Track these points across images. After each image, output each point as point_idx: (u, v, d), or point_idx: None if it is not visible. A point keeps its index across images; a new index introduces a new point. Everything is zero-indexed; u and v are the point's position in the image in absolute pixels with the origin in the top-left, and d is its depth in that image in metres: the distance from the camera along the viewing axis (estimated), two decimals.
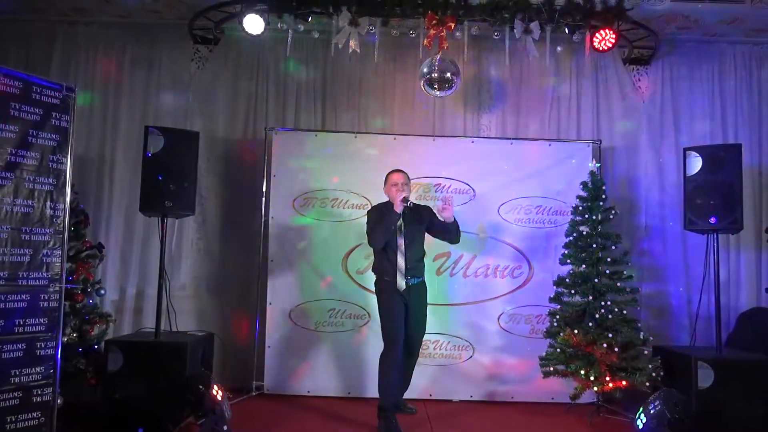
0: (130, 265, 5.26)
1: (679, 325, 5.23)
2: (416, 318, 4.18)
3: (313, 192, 4.99)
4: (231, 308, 5.21)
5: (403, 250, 4.09)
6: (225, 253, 5.28)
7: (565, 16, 4.61)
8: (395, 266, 4.07)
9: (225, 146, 5.40)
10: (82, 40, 5.46)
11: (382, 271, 4.16)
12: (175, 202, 4.30)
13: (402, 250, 4.09)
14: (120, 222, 5.28)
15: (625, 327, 4.35)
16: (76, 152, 5.21)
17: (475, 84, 5.46)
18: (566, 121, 5.50)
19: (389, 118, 5.42)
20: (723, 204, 4.34)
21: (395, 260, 4.08)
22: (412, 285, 4.11)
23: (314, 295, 4.92)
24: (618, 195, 5.31)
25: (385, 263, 4.12)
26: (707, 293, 4.63)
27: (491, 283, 4.97)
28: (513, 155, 5.07)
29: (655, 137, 5.47)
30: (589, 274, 4.47)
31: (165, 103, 5.45)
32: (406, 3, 4.53)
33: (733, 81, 5.50)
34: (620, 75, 5.50)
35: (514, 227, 5.02)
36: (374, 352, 4.62)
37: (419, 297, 4.20)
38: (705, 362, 4.13)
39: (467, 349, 4.91)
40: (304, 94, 5.44)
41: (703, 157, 4.44)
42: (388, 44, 5.15)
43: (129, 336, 4.60)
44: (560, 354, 4.42)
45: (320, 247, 4.96)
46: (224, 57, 5.46)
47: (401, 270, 4.07)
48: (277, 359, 4.86)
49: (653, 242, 5.35)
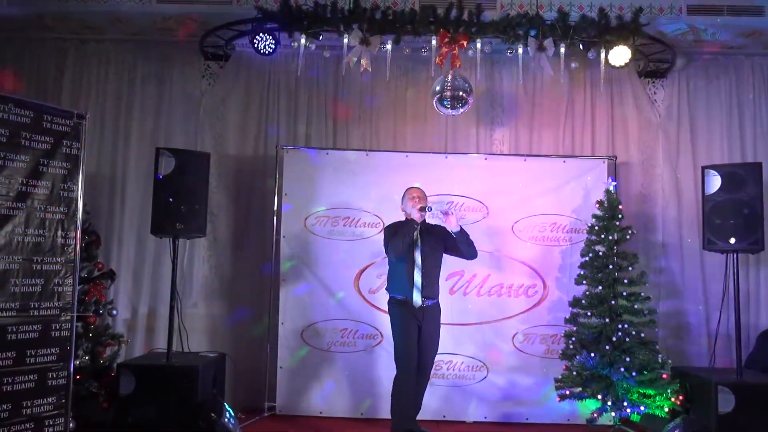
0: (142, 284, 5.25)
1: (697, 344, 5.13)
2: (429, 341, 4.11)
3: (325, 210, 4.95)
4: (243, 327, 5.17)
5: (420, 265, 4.03)
6: (237, 271, 5.26)
7: (579, 32, 4.54)
8: (412, 282, 4.00)
9: (236, 163, 5.37)
10: (93, 57, 5.46)
11: (396, 288, 4.08)
12: (186, 224, 4.29)
13: (419, 264, 4.03)
14: (132, 240, 5.27)
15: (643, 350, 4.26)
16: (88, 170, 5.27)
17: (487, 98, 5.40)
18: (581, 135, 5.42)
19: (401, 134, 5.37)
20: (743, 224, 4.25)
21: (412, 276, 4.01)
22: (427, 306, 4.04)
23: (326, 315, 4.88)
24: (634, 211, 5.22)
25: (401, 279, 4.04)
26: (726, 311, 4.54)
27: (505, 302, 4.90)
28: (527, 172, 5.00)
29: (672, 152, 5.38)
30: (605, 296, 4.39)
31: (176, 120, 5.44)
32: (418, 21, 4.49)
33: (751, 93, 5.40)
34: (636, 88, 5.40)
35: (529, 245, 4.94)
36: (387, 373, 4.59)
37: (433, 319, 4.13)
38: (725, 386, 4.05)
39: (481, 370, 4.84)
40: (315, 111, 5.40)
41: (722, 176, 4.35)
42: (400, 60, 5.11)
43: (141, 359, 4.59)
44: (576, 377, 4.34)
45: (332, 266, 4.91)
46: (235, 73, 5.44)
47: (418, 287, 4.00)
48: (289, 379, 4.83)
49: (670, 259, 5.25)
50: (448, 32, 4.44)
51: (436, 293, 4.15)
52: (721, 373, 4.35)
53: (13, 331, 3.09)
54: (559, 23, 4.50)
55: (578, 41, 4.54)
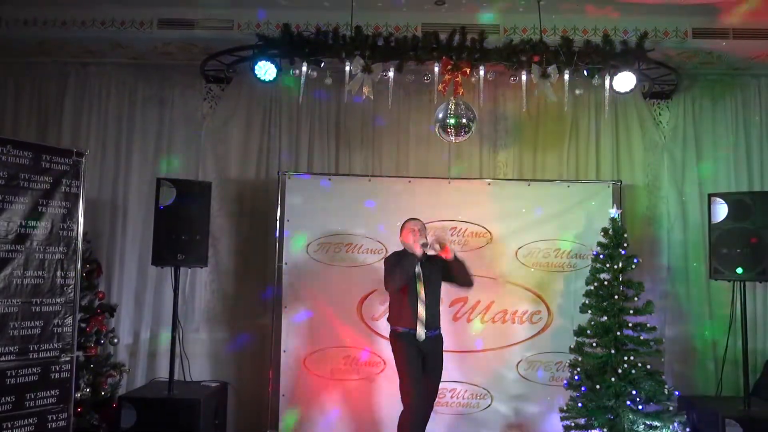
0: (143, 309, 5.22)
1: (704, 370, 5.08)
2: (433, 372, 4.05)
3: (327, 236, 4.92)
4: (245, 353, 5.14)
5: (423, 299, 3.97)
6: (239, 297, 5.22)
7: (583, 57, 4.47)
8: (415, 316, 3.94)
9: (238, 187, 5.34)
10: (94, 80, 5.44)
11: (399, 320, 4.02)
12: (187, 255, 4.28)
13: (422, 298, 3.97)
14: (134, 265, 5.23)
15: (649, 381, 4.20)
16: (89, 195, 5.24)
17: (491, 121, 5.36)
18: (585, 157, 5.37)
19: (404, 160, 5.34)
20: (750, 253, 4.22)
21: (415, 309, 3.94)
22: (431, 337, 3.99)
23: (329, 342, 4.84)
24: (639, 234, 5.17)
25: (404, 312, 3.98)
26: (733, 337, 4.49)
27: (509, 328, 4.86)
28: (530, 197, 4.96)
29: (678, 174, 5.32)
30: (611, 326, 4.33)
31: (177, 142, 5.41)
32: (421, 48, 4.42)
33: (757, 115, 5.34)
34: (640, 110, 5.36)
35: (532, 271, 4.90)
36: (389, 401, 4.55)
37: (436, 350, 4.08)
38: (733, 419, 4.00)
39: (485, 398, 4.80)
40: (317, 135, 5.36)
41: (729, 204, 4.31)
42: (402, 86, 5.07)
43: (142, 390, 4.57)
44: (582, 409, 4.29)
45: (335, 293, 4.87)
46: (237, 96, 5.41)
47: (422, 320, 3.94)
48: (291, 407, 4.79)
49: (676, 283, 5.20)
50: (450, 59, 4.39)
51: (438, 324, 4.10)
52: (728, 403, 4.32)
53: (12, 375, 3.07)
54: (563, 49, 4.42)
55: (582, 67, 4.47)
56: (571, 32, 4.71)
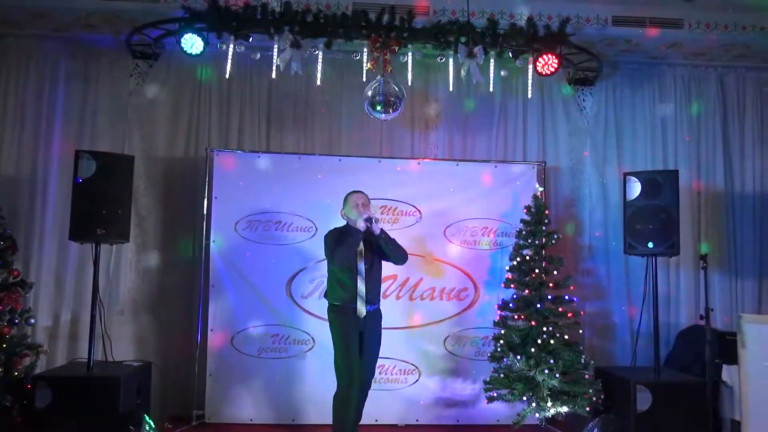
0: (64, 290, 5.03)
1: (622, 343, 5.32)
2: (370, 349, 4.01)
3: (256, 214, 4.87)
4: (171, 334, 5.04)
5: (364, 275, 3.91)
6: (165, 276, 5.11)
7: (508, 40, 4.60)
8: (355, 292, 3.88)
9: (165, 166, 5.22)
10: (12, 54, 5.21)
11: (339, 297, 3.93)
12: (107, 230, 4.14)
13: (362, 274, 3.91)
14: (53, 245, 5.04)
15: (567, 351, 4.39)
16: (5, 172, 5.06)
17: (422, 103, 5.44)
18: (513, 140, 5.53)
19: (336, 139, 5.35)
20: (661, 228, 4.43)
21: (355, 285, 3.88)
22: (369, 311, 3.93)
23: (257, 321, 4.81)
24: (563, 215, 5.38)
25: (344, 288, 3.90)
26: (647, 312, 4.72)
27: (437, 305, 4.95)
28: (459, 177, 5.06)
29: (599, 157, 5.55)
30: (532, 299, 4.49)
31: (102, 120, 5.23)
32: (350, 25, 4.45)
33: (672, 102, 5.62)
34: (565, 96, 5.55)
35: (461, 249, 5.01)
36: (319, 379, 4.58)
37: (375, 324, 4.03)
38: (643, 385, 4.21)
39: (413, 373, 4.88)
40: (248, 114, 5.30)
41: (642, 182, 4.52)
42: (334, 65, 5.07)
43: (59, 370, 4.41)
44: (504, 379, 4.43)
45: (263, 272, 4.83)
46: (165, 72, 5.28)
47: (362, 296, 3.88)
48: (218, 387, 4.73)
49: (597, 262, 5.43)
50: (379, 37, 4.44)
51: (378, 299, 4.08)
52: (640, 372, 4.52)
53: None
54: (489, 31, 4.55)
55: (507, 49, 4.60)
56: (499, 16, 4.83)
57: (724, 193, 5.53)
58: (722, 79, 5.68)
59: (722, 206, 5.53)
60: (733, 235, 5.51)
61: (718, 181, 5.54)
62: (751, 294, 5.49)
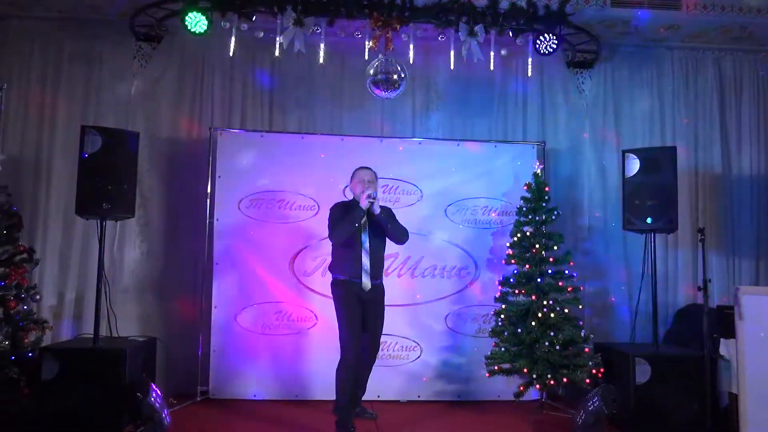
0: (69, 269, 5.08)
1: (620, 322, 5.37)
2: (375, 322, 4.11)
3: (259, 193, 4.93)
4: (176, 312, 5.09)
5: (368, 249, 3.99)
6: (169, 255, 5.16)
7: (508, 19, 4.67)
8: (360, 266, 3.96)
9: (169, 146, 5.27)
10: (14, 35, 5.24)
11: (343, 270, 4.01)
12: (113, 205, 4.18)
13: (367, 248, 3.98)
14: (59, 224, 5.09)
15: (567, 325, 4.45)
16: (11, 152, 5.09)
17: (424, 84, 5.49)
18: (513, 121, 5.58)
19: (338, 118, 5.40)
20: (659, 205, 4.48)
21: (359, 259, 3.96)
22: (374, 284, 4.02)
23: (261, 298, 4.86)
24: (562, 195, 5.42)
25: (349, 263, 3.98)
26: (646, 291, 4.77)
27: (438, 283, 5.01)
28: (460, 156, 5.12)
29: (598, 139, 5.61)
30: (532, 274, 4.55)
31: (106, 102, 5.27)
32: (352, 3, 4.51)
33: (670, 85, 5.68)
34: (564, 78, 5.61)
35: (461, 228, 5.06)
36: (322, 355, 4.63)
37: (378, 298, 4.13)
38: (642, 358, 4.26)
39: (415, 350, 4.93)
40: (251, 94, 5.36)
41: (641, 159, 4.58)
42: (336, 45, 5.11)
43: (66, 343, 4.46)
44: (505, 353, 4.49)
45: (267, 250, 4.89)
46: (168, 54, 5.33)
47: (366, 270, 3.96)
48: (222, 363, 4.78)
49: (596, 241, 5.48)
50: (381, 15, 4.49)
51: (381, 274, 4.15)
52: (639, 347, 4.58)
53: None
54: (489, 10, 4.61)
55: (508, 29, 4.66)
56: None
57: (721, 174, 5.59)
58: (719, 62, 5.73)
59: (719, 187, 5.58)
60: (731, 216, 5.56)
61: (715, 162, 5.60)
62: (748, 274, 5.54)
